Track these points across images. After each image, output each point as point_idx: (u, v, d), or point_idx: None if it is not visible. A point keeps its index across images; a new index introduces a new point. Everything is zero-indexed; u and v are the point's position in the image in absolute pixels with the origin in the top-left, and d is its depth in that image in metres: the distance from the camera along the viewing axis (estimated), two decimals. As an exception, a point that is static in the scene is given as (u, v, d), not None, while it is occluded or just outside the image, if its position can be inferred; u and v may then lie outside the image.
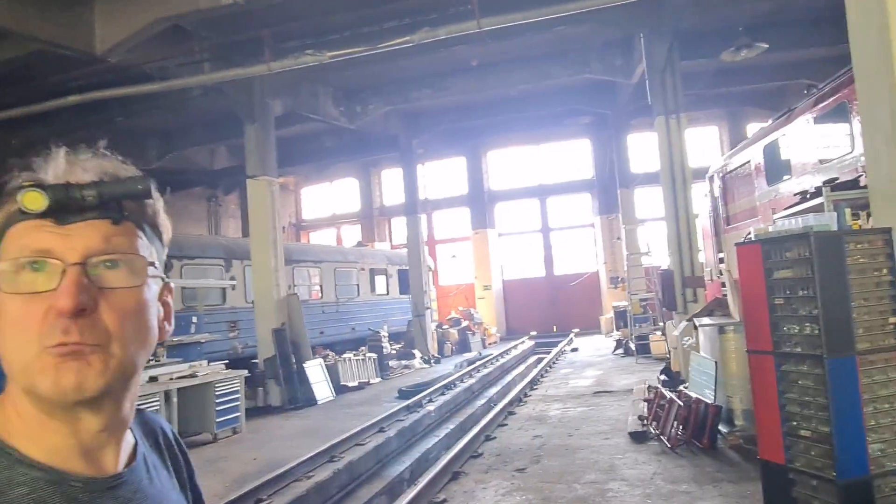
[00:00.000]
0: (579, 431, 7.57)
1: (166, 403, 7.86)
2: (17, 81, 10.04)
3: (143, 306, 0.75)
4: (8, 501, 0.67)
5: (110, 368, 0.71)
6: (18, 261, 0.70)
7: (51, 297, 0.69)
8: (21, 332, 0.69)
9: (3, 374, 0.75)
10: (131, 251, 0.74)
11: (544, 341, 20.31)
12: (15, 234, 0.72)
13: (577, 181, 23.35)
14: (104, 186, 0.73)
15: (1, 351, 0.72)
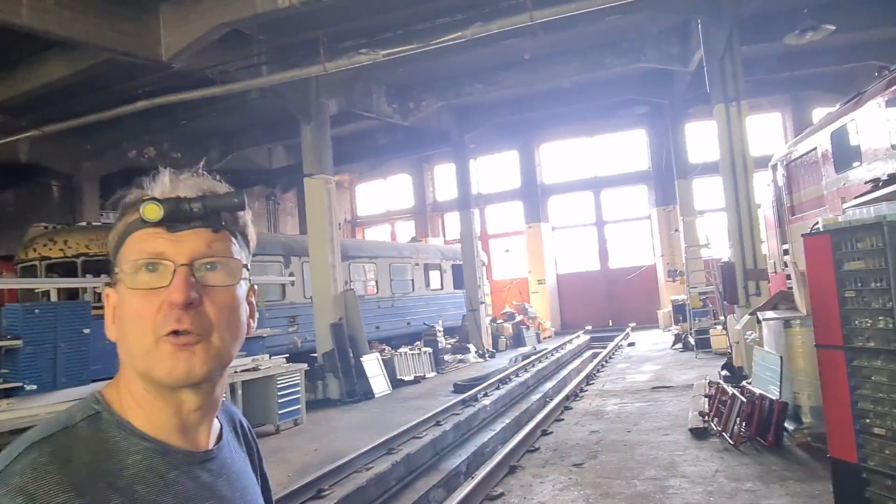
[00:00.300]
0: (637, 427, 7.46)
1: (232, 395, 8.16)
2: (90, 90, 10.57)
3: (237, 303, 0.88)
4: (126, 465, 0.80)
5: (212, 357, 0.84)
6: (137, 262, 0.83)
7: (164, 292, 0.82)
8: (140, 323, 0.82)
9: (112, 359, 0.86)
10: (228, 255, 0.87)
11: (600, 336, 20.05)
12: (134, 240, 0.85)
13: (633, 173, 22.90)
14: (207, 200, 0.85)
15: (122, 339, 0.85)
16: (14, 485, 0.72)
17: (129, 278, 0.84)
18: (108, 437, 0.81)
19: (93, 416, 0.83)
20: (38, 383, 6.74)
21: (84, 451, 0.78)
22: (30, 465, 0.74)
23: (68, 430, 0.80)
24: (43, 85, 9.64)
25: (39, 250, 10.17)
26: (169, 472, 0.83)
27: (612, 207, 23.48)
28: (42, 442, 0.77)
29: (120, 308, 0.85)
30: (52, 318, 6.90)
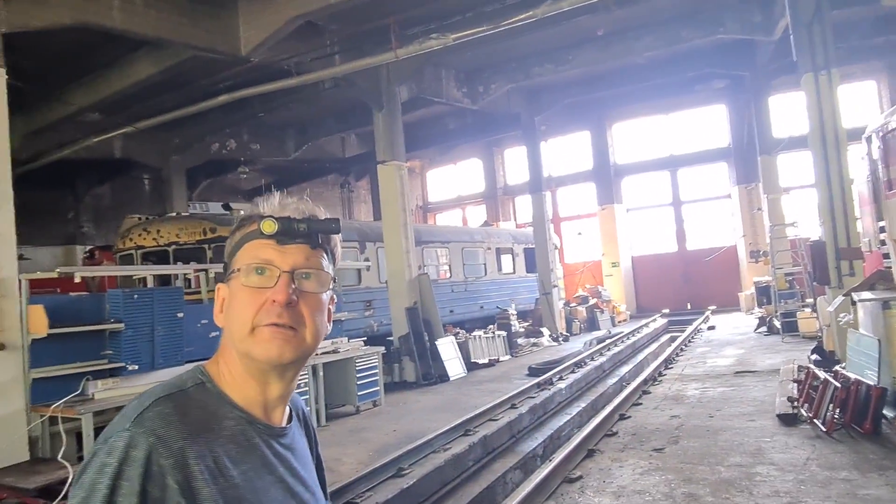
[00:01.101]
0: (721, 412, 7.25)
1: (314, 377, 8.46)
2: (175, 87, 11.10)
3: (323, 308, 1.09)
4: (223, 426, 1.00)
5: (300, 347, 1.04)
6: (250, 265, 1.04)
7: (269, 291, 1.02)
8: (245, 313, 1.03)
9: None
10: (320, 268, 1.08)
11: (678, 319, 19.48)
12: (250, 247, 1.06)
13: (712, 150, 21.97)
14: (312, 222, 1.07)
15: (228, 325, 1.06)
16: (147, 426, 0.92)
17: (243, 277, 1.04)
18: (210, 402, 1.01)
19: (199, 384, 1.03)
20: (138, 363, 7.20)
21: (195, 409, 0.99)
22: (159, 414, 0.94)
23: (183, 392, 1.01)
24: (133, 84, 10.21)
25: (135, 240, 10.84)
26: (254, 438, 1.03)
27: (690, 187, 22.63)
28: (166, 398, 0.97)
29: (229, 300, 1.07)
30: (150, 303, 7.34)
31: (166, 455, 0.90)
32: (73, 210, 17.06)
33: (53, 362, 6.67)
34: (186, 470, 0.91)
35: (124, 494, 0.86)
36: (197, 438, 0.94)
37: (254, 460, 1.01)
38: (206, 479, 0.92)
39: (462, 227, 22.87)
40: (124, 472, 0.87)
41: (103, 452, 0.90)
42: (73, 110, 11.02)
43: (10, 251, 6.16)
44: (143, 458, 0.88)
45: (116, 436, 0.91)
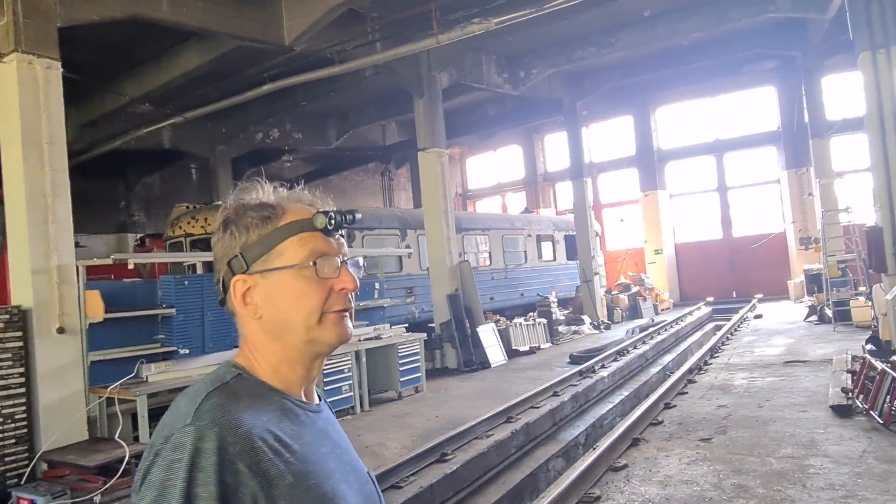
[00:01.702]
0: (770, 403, 7.08)
1: (357, 363, 8.57)
2: (221, 77, 11.29)
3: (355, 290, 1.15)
4: (271, 408, 1.03)
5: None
6: (311, 257, 1.07)
7: (332, 281, 1.08)
8: (310, 302, 1.07)
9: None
10: (353, 255, 1.15)
11: (723, 307, 19.09)
12: (301, 239, 1.08)
13: (760, 134, 21.30)
14: (349, 215, 1.12)
15: (282, 316, 1.07)
16: (209, 419, 0.95)
17: (304, 269, 1.07)
18: (254, 389, 1.05)
19: (237, 376, 1.06)
20: (189, 348, 7.43)
21: (245, 397, 1.02)
22: (216, 405, 0.97)
23: (227, 384, 1.03)
24: (181, 75, 10.42)
25: (184, 227, 11.12)
26: (301, 415, 1.08)
27: (736, 172, 22.00)
28: (215, 390, 1.01)
29: (272, 293, 1.08)
30: (200, 289, 7.55)
31: (233, 441, 0.93)
32: (124, 199, 17.61)
33: (110, 346, 6.93)
34: (253, 453, 0.94)
35: (201, 485, 0.89)
36: (255, 422, 0.97)
37: (307, 435, 1.05)
38: (272, 459, 0.96)
39: (502, 214, 22.78)
40: (198, 464, 0.90)
41: (168, 450, 0.92)
42: (124, 101, 11.32)
43: (68, 239, 6.39)
44: (214, 449, 0.91)
45: (180, 432, 0.93)
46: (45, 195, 6.22)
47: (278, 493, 0.94)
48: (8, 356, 5.92)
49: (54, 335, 6.18)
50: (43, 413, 6.08)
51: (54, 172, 6.29)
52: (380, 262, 11.77)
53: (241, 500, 0.91)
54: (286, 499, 0.95)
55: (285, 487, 0.95)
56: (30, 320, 6.10)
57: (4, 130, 6.33)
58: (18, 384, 5.97)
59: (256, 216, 1.10)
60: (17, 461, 5.88)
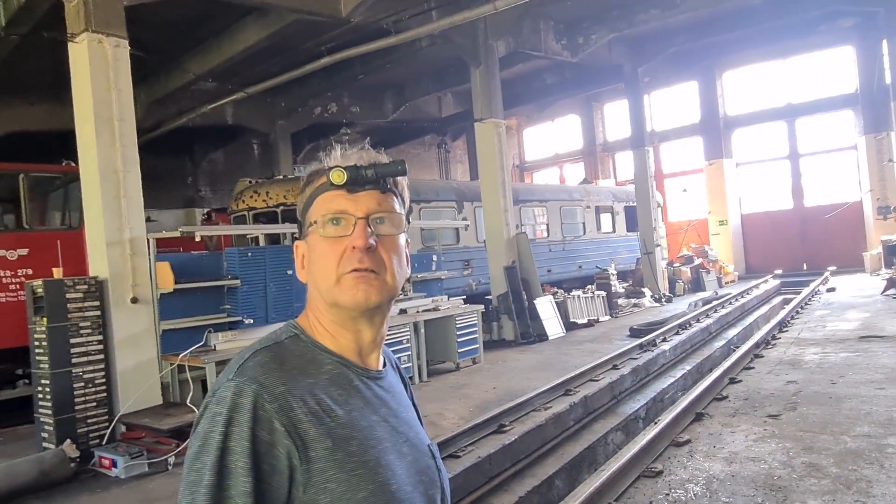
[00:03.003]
0: (844, 379, 6.77)
1: (415, 333, 8.67)
2: (280, 51, 11.44)
3: (401, 249, 1.10)
4: (322, 372, 1.04)
5: (384, 290, 1.06)
6: (325, 216, 1.06)
7: (347, 240, 1.04)
8: (328, 264, 1.05)
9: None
10: (393, 210, 1.09)
11: (791, 280, 18.29)
12: (322, 200, 1.07)
13: (835, 97, 20.06)
14: (378, 167, 1.06)
15: (312, 278, 1.09)
16: (249, 375, 0.97)
17: (321, 229, 1.06)
18: (306, 350, 1.05)
19: (293, 336, 1.08)
20: (253, 317, 7.67)
21: (292, 357, 1.03)
22: (259, 364, 0.99)
23: (279, 344, 1.05)
24: (242, 50, 10.60)
25: (247, 201, 11.41)
26: (354, 381, 1.06)
27: (809, 138, 20.86)
28: (263, 349, 1.03)
29: (309, 254, 1.09)
30: (262, 261, 7.76)
31: (270, 400, 0.94)
32: (191, 175, 18.23)
33: (179, 315, 7.22)
34: (291, 413, 0.95)
35: (236, 439, 0.91)
36: (297, 383, 0.98)
37: (356, 401, 1.04)
38: (311, 421, 0.96)
39: (560, 185, 22.41)
40: (234, 419, 0.92)
41: (213, 403, 0.96)
42: (189, 78, 11.63)
43: (139, 212, 6.65)
44: (249, 405, 0.93)
45: (223, 387, 0.97)
46: (117, 170, 6.47)
47: (315, 455, 0.94)
48: (88, 324, 6.25)
49: (128, 305, 6.49)
50: (120, 378, 6.41)
51: (125, 148, 6.52)
52: (437, 234, 11.80)
53: (277, 457, 0.93)
54: (324, 461, 0.95)
55: (324, 451, 0.95)
56: (106, 290, 6.41)
57: (78, 108, 6.60)
58: (97, 351, 6.31)
59: (306, 181, 1.13)
60: (99, 423, 6.25)
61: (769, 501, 3.95)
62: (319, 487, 0.94)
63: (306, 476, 0.94)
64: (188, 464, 0.94)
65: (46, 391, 6.08)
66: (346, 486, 0.95)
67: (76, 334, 6.15)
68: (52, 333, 6.03)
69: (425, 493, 1.08)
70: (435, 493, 1.12)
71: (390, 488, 0.99)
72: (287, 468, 0.93)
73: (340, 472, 0.95)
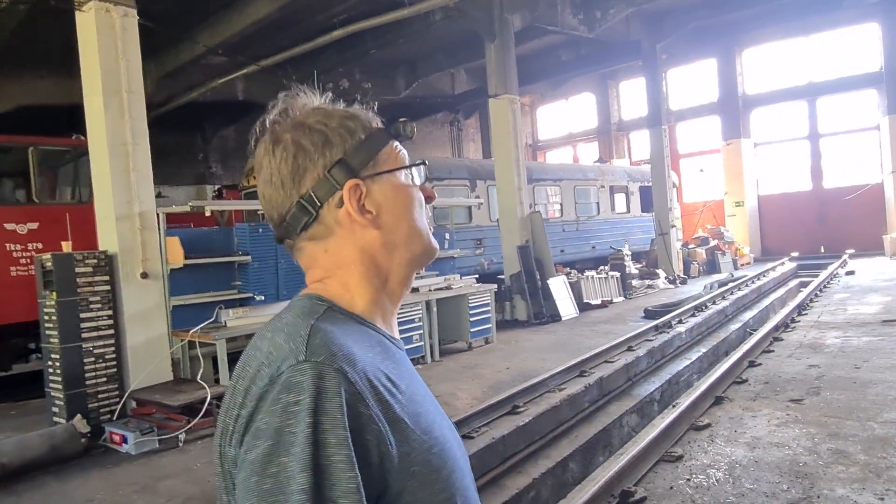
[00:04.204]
0: (868, 364, 6.60)
1: (427, 313, 8.57)
2: (291, 24, 11.22)
3: None
4: (372, 343, 0.91)
5: None
6: (413, 164, 1.02)
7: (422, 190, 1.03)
8: (421, 210, 1.01)
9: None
10: None
11: (809, 263, 18.01)
12: (394, 148, 1.01)
13: (858, 76, 19.57)
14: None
15: (406, 220, 0.99)
16: (326, 353, 0.81)
17: (416, 177, 1.02)
18: (347, 323, 0.92)
19: (327, 309, 0.92)
20: (264, 294, 7.59)
21: (346, 331, 0.88)
22: (330, 340, 0.83)
23: (322, 317, 0.89)
24: (253, 23, 10.38)
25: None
26: (396, 352, 0.96)
27: (830, 118, 20.40)
28: (316, 322, 0.86)
29: (392, 201, 0.98)
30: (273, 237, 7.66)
31: (353, 380, 0.81)
32: (202, 152, 18.11)
33: (190, 291, 7.15)
34: (374, 392, 0.83)
35: (329, 429, 0.76)
36: (366, 359, 0.86)
37: (405, 373, 0.94)
38: (389, 399, 0.85)
39: (574, 164, 22.11)
40: (321, 408, 0.77)
41: (280, 392, 0.78)
42: (199, 51, 11.43)
43: (148, 186, 6.54)
44: (336, 388, 0.78)
45: (292, 371, 0.79)
46: (126, 143, 6.34)
47: (399, 437, 0.83)
48: (97, 299, 6.18)
49: (138, 280, 6.40)
50: (130, 354, 6.36)
51: (134, 121, 6.39)
52: (450, 212, 11.64)
53: (367, 444, 0.79)
54: (406, 444, 0.83)
55: (405, 432, 0.84)
56: (116, 265, 6.33)
57: (86, 80, 6.46)
58: (107, 326, 6.25)
59: (356, 121, 0.99)
60: (109, 398, 6.20)
61: (795, 489, 3.82)
62: (407, 472, 0.83)
63: (395, 462, 0.82)
64: (258, 467, 0.76)
65: (57, 366, 6.03)
66: (429, 466, 0.85)
67: (86, 309, 6.09)
68: (62, 308, 5.97)
69: (467, 464, 0.99)
70: (467, 464, 1.00)
71: (458, 462, 0.92)
72: (378, 456, 0.80)
73: (421, 454, 0.85)
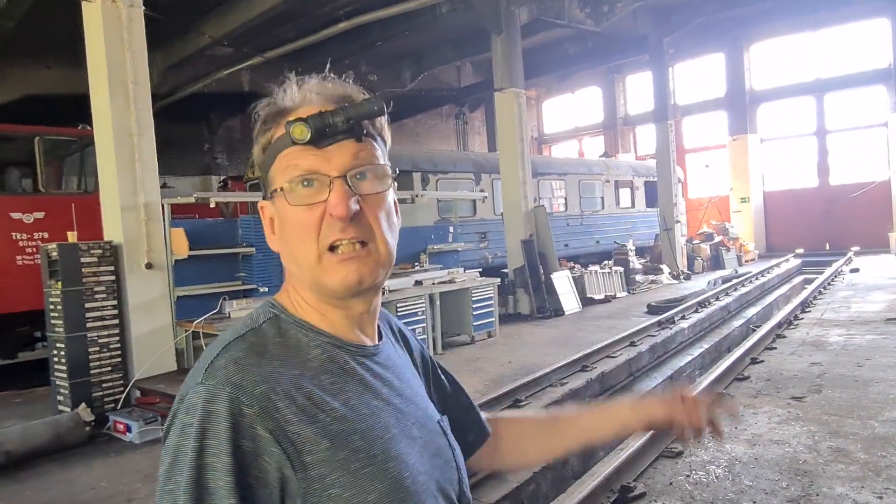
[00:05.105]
0: (870, 362, 6.60)
1: (430, 305, 8.58)
2: (297, 16, 11.20)
3: (390, 206, 0.92)
4: (310, 358, 0.87)
5: (378, 264, 0.89)
6: (294, 179, 0.86)
7: (323, 206, 0.86)
8: (305, 236, 0.87)
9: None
10: (375, 162, 0.90)
11: (813, 260, 17.97)
12: (285, 157, 0.88)
13: (867, 72, 19.44)
14: (349, 111, 0.86)
15: (287, 251, 0.90)
16: (221, 377, 0.79)
17: (289, 195, 0.87)
18: (290, 334, 0.88)
19: (272, 318, 0.90)
20: (268, 286, 7.61)
21: (272, 346, 0.85)
22: (232, 360, 0.81)
23: (255, 330, 0.87)
24: (259, 14, 10.37)
25: (262, 169, 11.30)
26: (347, 362, 0.90)
27: (838, 114, 20.29)
28: (237, 340, 0.85)
29: (280, 221, 0.91)
30: (277, 229, 7.68)
31: (249, 403, 0.78)
32: (208, 143, 18.13)
33: (194, 282, 7.18)
34: (276, 415, 0.78)
35: (213, 454, 0.75)
36: (280, 379, 0.81)
37: (354, 386, 0.88)
38: (303, 420, 0.80)
39: (579, 158, 22.07)
40: (208, 430, 0.76)
41: (182, 412, 0.79)
42: (205, 42, 11.44)
43: (153, 177, 6.56)
44: (225, 412, 0.77)
45: (192, 392, 0.80)
46: (132, 134, 6.36)
47: (312, 459, 0.79)
48: (102, 289, 6.22)
49: (143, 270, 6.44)
50: (135, 344, 6.40)
51: (139, 111, 6.41)
52: (454, 206, 11.64)
53: (264, 468, 0.77)
54: (324, 465, 0.79)
55: (322, 453, 0.80)
56: (121, 255, 6.36)
57: (92, 70, 6.48)
58: (112, 315, 6.29)
59: (261, 125, 0.92)
60: (114, 387, 6.26)
61: (794, 486, 3.83)
62: (322, 496, 0.79)
63: (304, 485, 0.78)
64: (160, 484, 0.78)
65: (62, 355, 6.08)
66: (354, 489, 0.80)
67: (91, 299, 6.13)
68: (67, 297, 6.01)
69: (442, 477, 0.94)
70: (451, 474, 0.97)
71: (404, 483, 0.84)
72: (278, 480, 0.78)
73: (345, 475, 0.80)
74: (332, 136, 0.86)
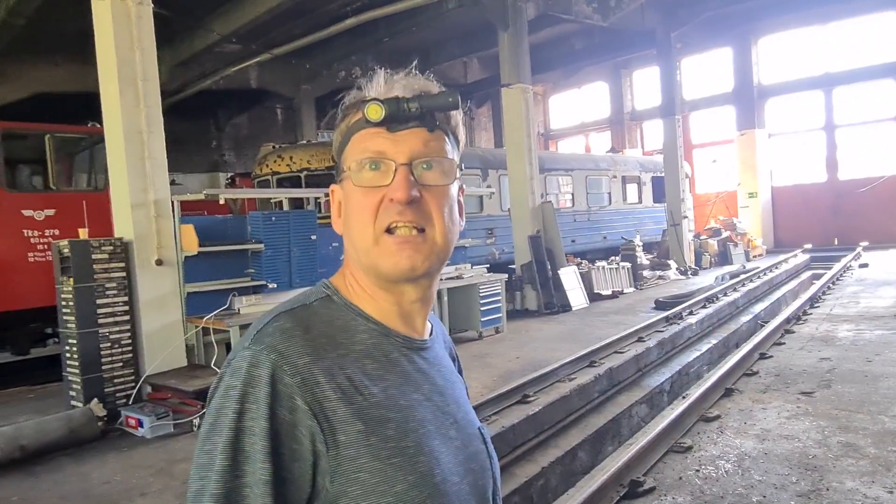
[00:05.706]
0: (880, 357, 6.58)
1: (438, 301, 8.61)
2: (304, 13, 11.23)
3: (452, 201, 0.92)
4: (356, 341, 0.88)
5: (433, 252, 0.89)
6: (361, 160, 0.89)
7: (385, 189, 0.87)
8: (363, 218, 0.88)
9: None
10: (443, 155, 0.91)
11: (822, 256, 17.87)
12: (358, 139, 0.90)
13: (876, 66, 19.25)
14: (424, 100, 0.88)
15: (348, 233, 0.92)
16: (268, 343, 0.82)
17: (355, 176, 0.89)
18: (339, 315, 0.90)
19: (324, 298, 0.92)
20: (277, 282, 7.65)
21: (321, 323, 0.87)
22: (279, 329, 0.84)
23: (306, 307, 0.89)
24: (267, 11, 10.40)
25: (270, 166, 11.34)
26: (392, 352, 0.90)
27: (847, 108, 20.14)
28: (287, 312, 0.87)
29: (345, 203, 0.93)
30: (286, 225, 7.71)
31: (291, 373, 0.80)
32: (216, 140, 18.21)
33: (204, 278, 7.22)
34: (316, 389, 0.80)
35: (252, 418, 0.77)
36: (324, 355, 0.83)
37: (394, 376, 0.88)
38: (340, 399, 0.81)
39: (586, 153, 22.01)
40: (250, 394, 0.78)
41: (227, 375, 0.82)
42: (213, 39, 11.47)
43: (163, 174, 6.60)
44: (267, 377, 0.79)
45: (238, 356, 0.82)
46: (141, 131, 6.40)
47: (345, 439, 0.80)
48: (113, 285, 6.27)
49: (153, 266, 6.48)
50: (146, 339, 6.45)
51: (149, 109, 6.45)
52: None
53: (299, 439, 0.79)
54: (354, 447, 0.80)
55: (355, 434, 0.80)
56: (131, 252, 6.41)
57: (102, 68, 6.51)
58: (123, 311, 6.34)
59: (342, 114, 0.95)
60: (125, 383, 6.31)
61: (804, 481, 3.83)
62: (349, 477, 0.80)
63: (334, 463, 0.79)
64: (200, 443, 0.80)
65: (74, 350, 6.13)
66: (381, 476, 0.81)
67: (102, 295, 6.18)
68: (79, 293, 6.06)
69: (475, 484, 0.93)
70: (486, 482, 0.96)
71: (433, 479, 0.84)
72: (311, 454, 0.79)
73: (374, 461, 0.81)
74: (404, 122, 0.88)
